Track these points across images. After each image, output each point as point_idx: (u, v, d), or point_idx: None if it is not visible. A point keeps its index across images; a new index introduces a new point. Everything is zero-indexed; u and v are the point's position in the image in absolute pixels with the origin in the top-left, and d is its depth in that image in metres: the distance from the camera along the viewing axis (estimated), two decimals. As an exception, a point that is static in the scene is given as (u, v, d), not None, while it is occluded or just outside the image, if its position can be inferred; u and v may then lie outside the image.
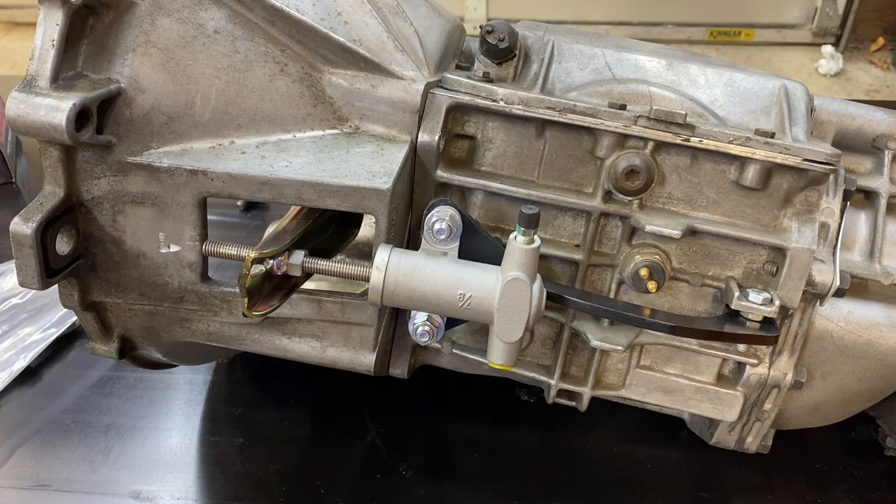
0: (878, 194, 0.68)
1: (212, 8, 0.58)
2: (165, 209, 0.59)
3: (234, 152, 0.59)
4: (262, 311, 0.58)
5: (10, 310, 0.93)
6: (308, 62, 0.60)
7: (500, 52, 0.64)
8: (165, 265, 0.61)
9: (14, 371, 0.85)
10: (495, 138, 0.65)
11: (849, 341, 0.68)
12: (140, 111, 0.57)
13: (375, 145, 0.61)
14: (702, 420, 0.77)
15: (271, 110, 0.60)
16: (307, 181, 0.57)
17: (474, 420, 0.82)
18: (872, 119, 0.70)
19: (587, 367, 0.71)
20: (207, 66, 0.58)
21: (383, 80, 0.61)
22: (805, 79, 3.20)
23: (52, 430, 0.80)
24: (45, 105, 0.52)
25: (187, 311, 0.65)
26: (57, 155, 0.56)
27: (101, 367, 0.87)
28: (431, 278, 0.56)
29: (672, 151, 0.63)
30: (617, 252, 0.66)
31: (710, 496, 0.76)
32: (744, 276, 0.66)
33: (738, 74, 0.67)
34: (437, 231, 0.58)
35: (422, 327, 0.60)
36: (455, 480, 0.76)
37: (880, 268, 0.68)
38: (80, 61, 0.56)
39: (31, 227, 0.54)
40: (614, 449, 0.80)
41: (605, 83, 0.66)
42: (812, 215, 0.64)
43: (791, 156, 0.60)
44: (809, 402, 0.72)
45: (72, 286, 0.62)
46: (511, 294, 0.55)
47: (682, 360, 0.70)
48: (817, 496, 0.76)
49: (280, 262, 0.57)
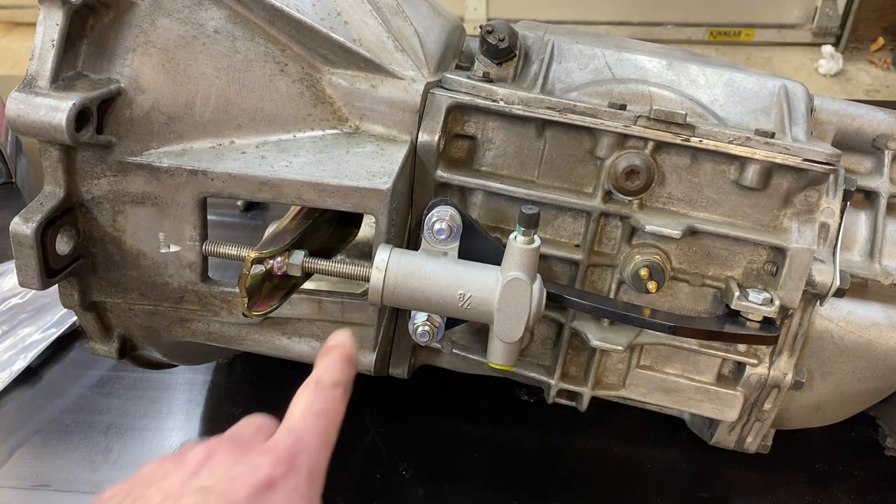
0: (878, 194, 0.68)
1: (212, 8, 0.58)
2: (165, 209, 0.59)
3: (234, 152, 0.59)
4: (262, 311, 0.58)
5: (10, 310, 0.93)
6: (308, 62, 0.60)
7: (500, 52, 0.64)
8: (165, 265, 0.61)
9: (14, 371, 0.85)
10: (495, 138, 0.65)
11: (849, 341, 0.68)
12: (140, 111, 0.57)
13: (375, 145, 0.61)
14: (702, 420, 0.77)
15: (271, 110, 0.60)
16: (307, 181, 0.57)
17: (474, 420, 0.82)
18: (872, 119, 0.70)
19: (587, 367, 0.71)
20: (207, 66, 0.58)
21: (383, 80, 0.61)
22: (805, 79, 3.20)
23: (52, 430, 0.80)
24: (45, 105, 0.52)
25: (187, 311, 0.65)
26: (57, 155, 0.56)
27: (101, 367, 0.87)
28: (431, 278, 0.56)
29: (672, 151, 0.63)
30: (617, 252, 0.66)
31: (710, 496, 0.76)
32: (744, 276, 0.66)
33: (738, 74, 0.67)
34: (437, 231, 0.58)
35: (422, 327, 0.60)
36: (455, 480, 0.76)
37: (880, 268, 0.68)
38: (80, 61, 0.56)
39: (31, 227, 0.54)
40: (614, 449, 0.80)
41: (605, 83, 0.66)
42: (812, 215, 0.64)
43: (791, 156, 0.60)
44: (809, 402, 0.72)
45: (72, 286, 0.62)
46: (511, 294, 0.55)
47: (682, 360, 0.70)
48: (817, 496, 0.76)
49: (280, 262, 0.57)
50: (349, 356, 0.51)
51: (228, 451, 0.44)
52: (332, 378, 0.48)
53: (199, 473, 0.42)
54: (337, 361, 0.50)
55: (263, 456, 0.43)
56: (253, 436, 0.47)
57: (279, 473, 0.42)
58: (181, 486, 0.42)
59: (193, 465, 0.43)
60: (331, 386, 0.48)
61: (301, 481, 0.43)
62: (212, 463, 0.43)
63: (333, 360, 0.50)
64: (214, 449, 0.44)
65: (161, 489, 0.42)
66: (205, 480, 0.42)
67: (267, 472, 0.42)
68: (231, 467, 0.43)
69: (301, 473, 0.43)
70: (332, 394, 0.48)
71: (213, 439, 0.46)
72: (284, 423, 0.47)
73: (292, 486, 0.43)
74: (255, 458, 0.43)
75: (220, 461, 0.43)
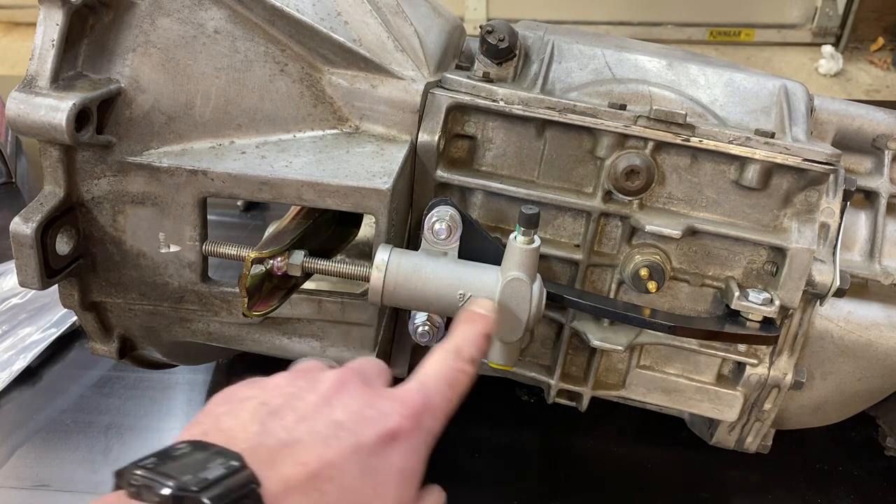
0: (878, 194, 0.68)
1: (212, 8, 0.58)
2: (165, 209, 0.59)
3: (234, 152, 0.59)
4: (262, 311, 0.59)
5: (10, 310, 0.93)
6: (308, 62, 0.60)
7: (500, 52, 0.64)
8: (165, 265, 0.61)
9: (14, 371, 0.85)
10: (495, 138, 0.65)
11: (849, 341, 0.68)
12: (140, 111, 0.57)
13: (375, 145, 0.61)
14: (702, 420, 0.77)
15: (271, 110, 0.60)
16: (307, 181, 0.57)
17: (474, 420, 0.82)
18: (872, 119, 0.70)
19: (587, 367, 0.71)
20: (207, 66, 0.58)
21: (383, 80, 0.61)
22: (805, 79, 3.20)
23: (52, 430, 0.80)
24: (45, 105, 0.52)
25: (187, 311, 0.65)
26: (57, 155, 0.56)
27: (101, 367, 0.87)
28: (431, 278, 0.56)
29: (672, 151, 0.63)
30: (617, 252, 0.66)
31: (710, 496, 0.76)
32: (744, 276, 0.66)
33: (738, 74, 0.67)
34: (437, 231, 0.58)
35: (422, 327, 0.60)
36: (455, 480, 0.76)
37: (880, 268, 0.68)
38: (80, 61, 0.56)
39: (31, 227, 0.54)
40: (614, 449, 0.80)
41: (605, 83, 0.66)
42: (812, 215, 0.64)
43: (791, 156, 0.60)
44: (809, 402, 0.72)
45: (72, 286, 0.62)
46: (511, 294, 0.55)
47: (682, 360, 0.70)
48: (817, 496, 0.76)
49: (280, 262, 0.57)
50: (489, 332, 0.51)
51: (359, 388, 0.44)
52: (471, 353, 0.48)
53: (333, 403, 0.42)
54: (480, 335, 0.50)
55: (393, 404, 0.43)
56: (376, 376, 0.47)
57: (406, 427, 0.42)
58: (315, 412, 0.42)
59: (327, 393, 0.43)
60: (469, 360, 0.48)
61: (421, 441, 0.43)
62: (344, 396, 0.43)
63: (478, 333, 0.50)
64: (346, 380, 0.44)
65: (296, 409, 0.42)
66: (338, 413, 0.42)
67: (396, 422, 0.42)
68: (363, 407, 0.42)
69: (423, 434, 0.43)
70: (467, 368, 0.48)
71: (343, 369, 0.46)
72: (416, 378, 0.46)
73: (414, 443, 0.43)
74: (385, 403, 0.43)
75: (353, 396, 0.43)
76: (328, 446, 0.40)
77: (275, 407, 0.42)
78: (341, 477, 0.39)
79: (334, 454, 0.40)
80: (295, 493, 0.38)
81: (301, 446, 0.39)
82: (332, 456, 0.39)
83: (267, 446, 0.39)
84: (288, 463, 0.39)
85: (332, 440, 0.40)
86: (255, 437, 0.40)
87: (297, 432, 0.40)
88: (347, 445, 0.40)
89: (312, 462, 0.39)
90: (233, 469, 0.36)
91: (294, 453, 0.39)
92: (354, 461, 0.40)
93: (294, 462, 0.39)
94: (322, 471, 0.39)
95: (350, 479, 0.39)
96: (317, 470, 0.39)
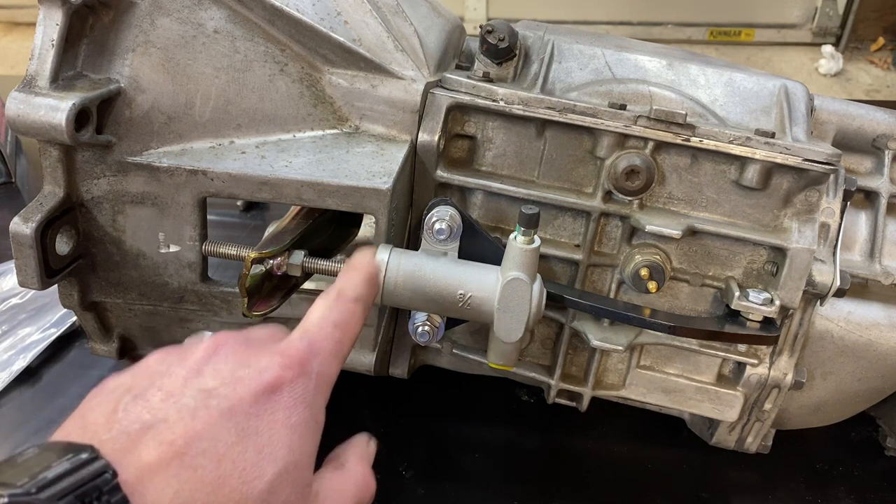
0: (879, 194, 0.68)
1: (212, 8, 0.58)
2: (165, 209, 0.59)
3: (233, 152, 0.59)
4: (262, 311, 0.59)
5: (10, 310, 0.93)
6: (308, 62, 0.60)
7: (500, 52, 0.64)
8: (165, 265, 0.61)
9: (14, 371, 0.85)
10: (495, 138, 0.65)
11: (849, 341, 0.68)
12: (140, 111, 0.57)
13: (375, 145, 0.61)
14: (702, 420, 0.77)
15: (271, 110, 0.60)
16: (307, 181, 0.57)
17: (474, 420, 0.82)
18: (872, 119, 0.70)
19: (587, 367, 0.71)
20: (207, 66, 0.58)
21: (383, 80, 0.61)
22: (805, 79, 3.20)
23: (52, 430, 0.79)
24: (44, 105, 0.52)
25: (187, 311, 0.65)
26: (57, 155, 0.56)
27: (101, 367, 0.87)
28: (431, 278, 0.56)
29: (672, 151, 0.63)
30: (617, 252, 0.66)
31: (710, 496, 0.76)
32: (744, 276, 0.66)
33: (738, 74, 0.67)
34: (437, 231, 0.58)
35: (422, 327, 0.60)
36: (455, 480, 0.76)
37: (880, 268, 0.68)
38: (80, 61, 0.56)
39: (31, 227, 0.54)
40: (614, 449, 0.80)
41: (605, 83, 0.66)
42: (812, 215, 0.64)
43: (791, 156, 0.60)
44: (809, 402, 0.72)
45: (72, 286, 0.62)
46: (511, 294, 0.55)
47: (682, 360, 0.70)
48: (817, 496, 0.76)
49: (280, 262, 0.57)
50: (372, 277, 0.50)
51: (235, 349, 0.42)
52: (354, 292, 0.47)
53: (203, 372, 0.40)
54: (361, 278, 0.49)
55: (272, 357, 0.41)
56: (265, 339, 0.45)
57: (287, 377, 0.40)
58: (183, 385, 0.39)
59: (196, 363, 0.41)
60: (352, 299, 0.47)
61: (309, 387, 0.41)
62: (216, 361, 0.41)
63: (358, 276, 0.49)
64: (221, 345, 0.42)
65: (162, 387, 0.39)
66: (208, 381, 0.39)
67: (274, 374, 0.40)
68: (236, 368, 0.40)
69: (310, 379, 0.41)
70: (352, 307, 0.46)
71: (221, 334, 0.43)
72: (299, 327, 0.44)
73: (300, 391, 0.40)
74: (263, 358, 0.41)
75: (225, 359, 0.41)
76: (195, 418, 0.37)
77: (140, 390, 0.39)
78: (215, 447, 0.37)
79: (202, 425, 0.37)
80: (160, 475, 0.35)
81: (165, 425, 0.37)
82: (200, 427, 0.37)
83: (127, 432, 0.36)
84: (150, 445, 0.36)
85: (200, 411, 0.37)
86: (117, 425, 0.37)
87: (162, 411, 0.37)
88: (218, 412, 0.38)
89: (179, 439, 0.36)
90: (79, 462, 0.33)
91: (158, 434, 0.36)
92: (230, 427, 0.37)
93: (158, 443, 0.36)
94: (192, 445, 0.36)
95: (226, 448, 0.37)
96: (185, 446, 0.36)
